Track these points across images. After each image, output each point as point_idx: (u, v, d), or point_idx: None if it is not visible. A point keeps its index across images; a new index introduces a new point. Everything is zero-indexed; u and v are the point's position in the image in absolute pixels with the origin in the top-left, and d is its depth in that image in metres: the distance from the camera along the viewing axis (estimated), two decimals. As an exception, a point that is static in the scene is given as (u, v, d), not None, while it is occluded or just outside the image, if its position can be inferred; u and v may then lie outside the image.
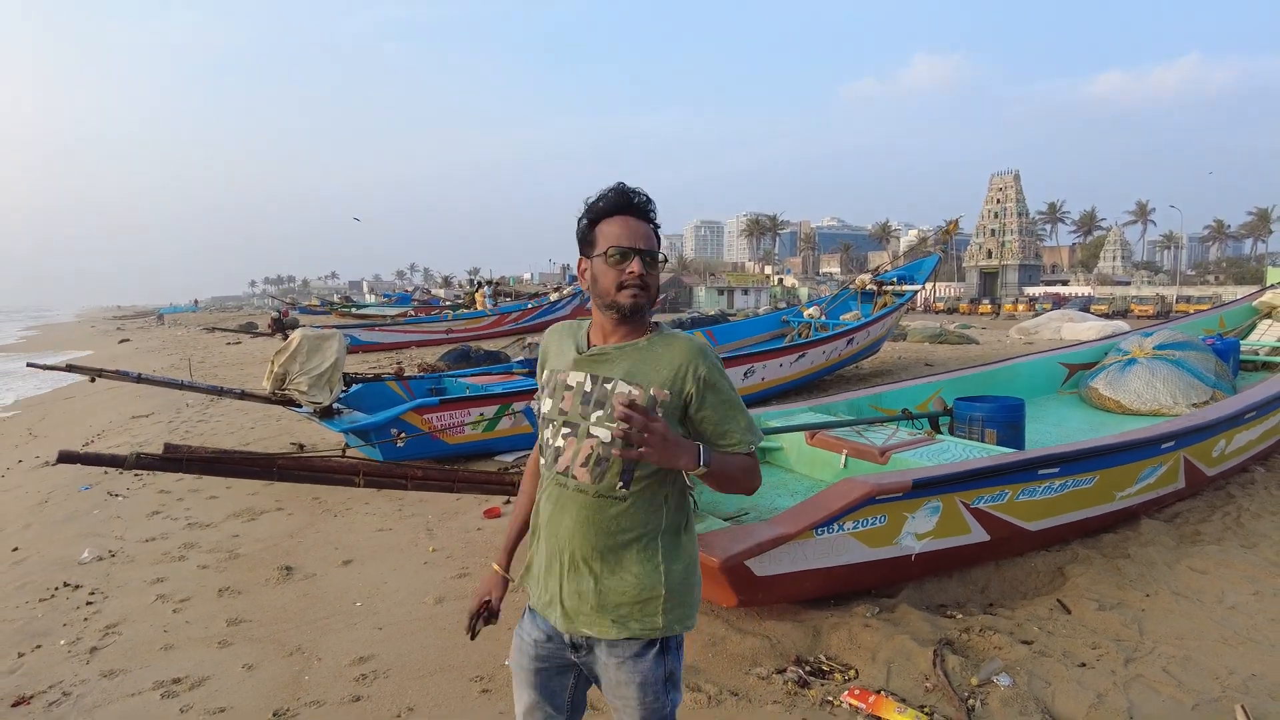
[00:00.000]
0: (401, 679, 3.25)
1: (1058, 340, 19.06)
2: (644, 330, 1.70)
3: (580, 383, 1.67)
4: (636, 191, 1.67)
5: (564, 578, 1.66)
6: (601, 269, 1.63)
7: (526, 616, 1.78)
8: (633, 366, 1.65)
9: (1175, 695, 2.91)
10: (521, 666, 1.76)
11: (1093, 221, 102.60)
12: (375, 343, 20.50)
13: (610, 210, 1.65)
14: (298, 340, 6.46)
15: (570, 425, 1.66)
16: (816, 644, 3.36)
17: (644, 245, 1.63)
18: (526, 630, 1.76)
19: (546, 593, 1.69)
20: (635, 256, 1.61)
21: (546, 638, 1.72)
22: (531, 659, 1.74)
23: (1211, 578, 3.93)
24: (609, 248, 1.61)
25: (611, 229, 1.63)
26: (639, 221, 1.65)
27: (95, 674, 3.42)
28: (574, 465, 1.65)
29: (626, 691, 1.66)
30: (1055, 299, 50.67)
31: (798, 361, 9.70)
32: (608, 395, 1.64)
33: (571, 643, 1.70)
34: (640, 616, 1.64)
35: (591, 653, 1.69)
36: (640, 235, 1.64)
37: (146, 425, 10.04)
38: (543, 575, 1.71)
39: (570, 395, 1.67)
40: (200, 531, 5.34)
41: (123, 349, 29.66)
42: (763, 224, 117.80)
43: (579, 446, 1.65)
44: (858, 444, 4.39)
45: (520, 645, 1.77)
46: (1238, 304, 9.04)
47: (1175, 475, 4.72)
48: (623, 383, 1.64)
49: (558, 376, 1.70)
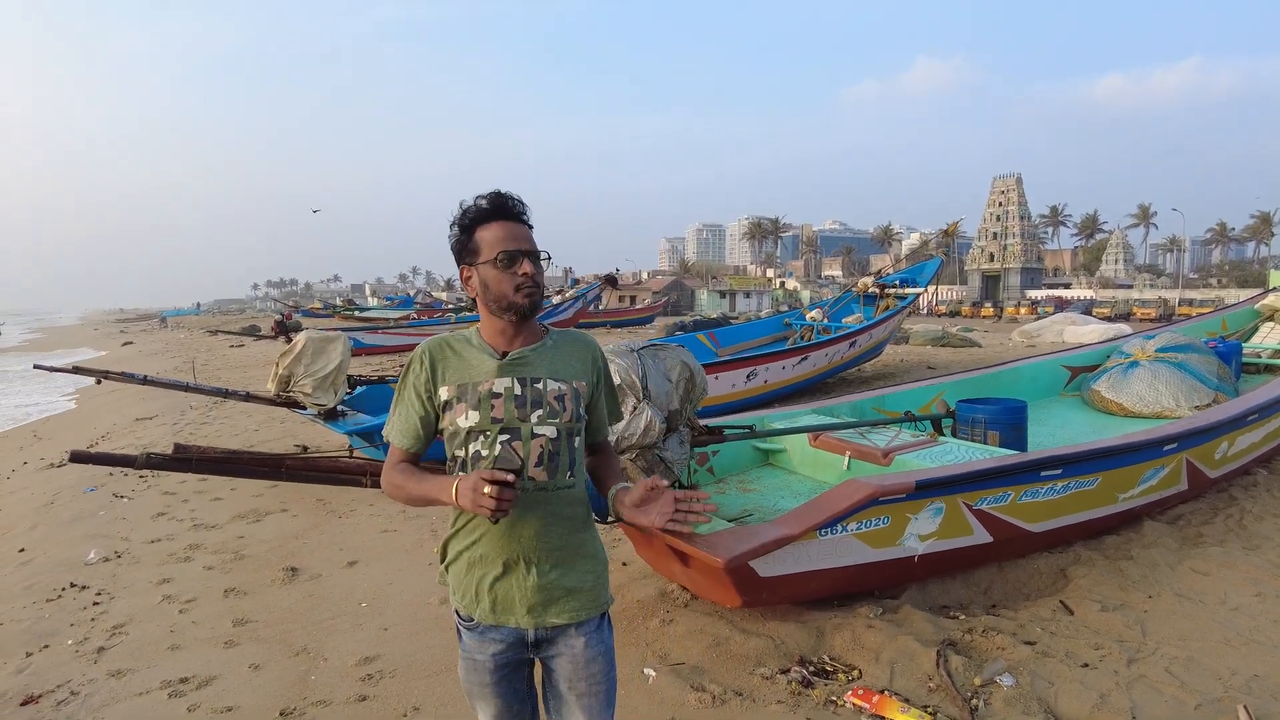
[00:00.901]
0: (408, 679, 3.27)
1: (1060, 343, 19.07)
2: (541, 332, 1.78)
3: (509, 388, 1.68)
4: (510, 196, 1.72)
5: (526, 579, 1.67)
6: (492, 274, 1.67)
7: (470, 638, 1.73)
8: (551, 366, 1.73)
9: (1178, 695, 2.93)
10: (480, 683, 1.73)
11: (1095, 224, 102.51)
12: (379, 346, 20.57)
13: (487, 216, 1.70)
14: (302, 342, 6.48)
15: (509, 430, 1.66)
16: (820, 644, 3.38)
17: (529, 246, 1.69)
18: (476, 650, 1.72)
19: (504, 601, 1.68)
20: (524, 258, 1.67)
21: (505, 647, 1.71)
22: (490, 672, 1.72)
23: (1214, 579, 3.94)
24: (498, 253, 1.66)
25: (493, 234, 1.68)
26: (517, 224, 1.71)
27: (103, 673, 3.45)
28: (529, 467, 1.66)
29: (595, 667, 1.72)
30: (1057, 302, 50.67)
31: (800, 364, 9.72)
32: (542, 394, 1.69)
33: (535, 639, 1.71)
34: (596, 592, 1.75)
35: (554, 644, 1.72)
36: (523, 237, 1.69)
37: (151, 428, 10.08)
38: (494, 586, 1.68)
39: (500, 402, 1.67)
40: (205, 533, 5.36)
41: (126, 351, 29.72)
42: (764, 227, 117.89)
43: (527, 449, 1.66)
44: (861, 446, 4.40)
45: (473, 666, 1.73)
46: (1240, 307, 9.05)
47: (1178, 477, 4.73)
48: (551, 380, 1.71)
49: (478, 388, 1.68)
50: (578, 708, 1.73)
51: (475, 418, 1.67)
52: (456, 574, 1.74)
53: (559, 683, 1.74)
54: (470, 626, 1.73)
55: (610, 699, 1.76)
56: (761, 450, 4.96)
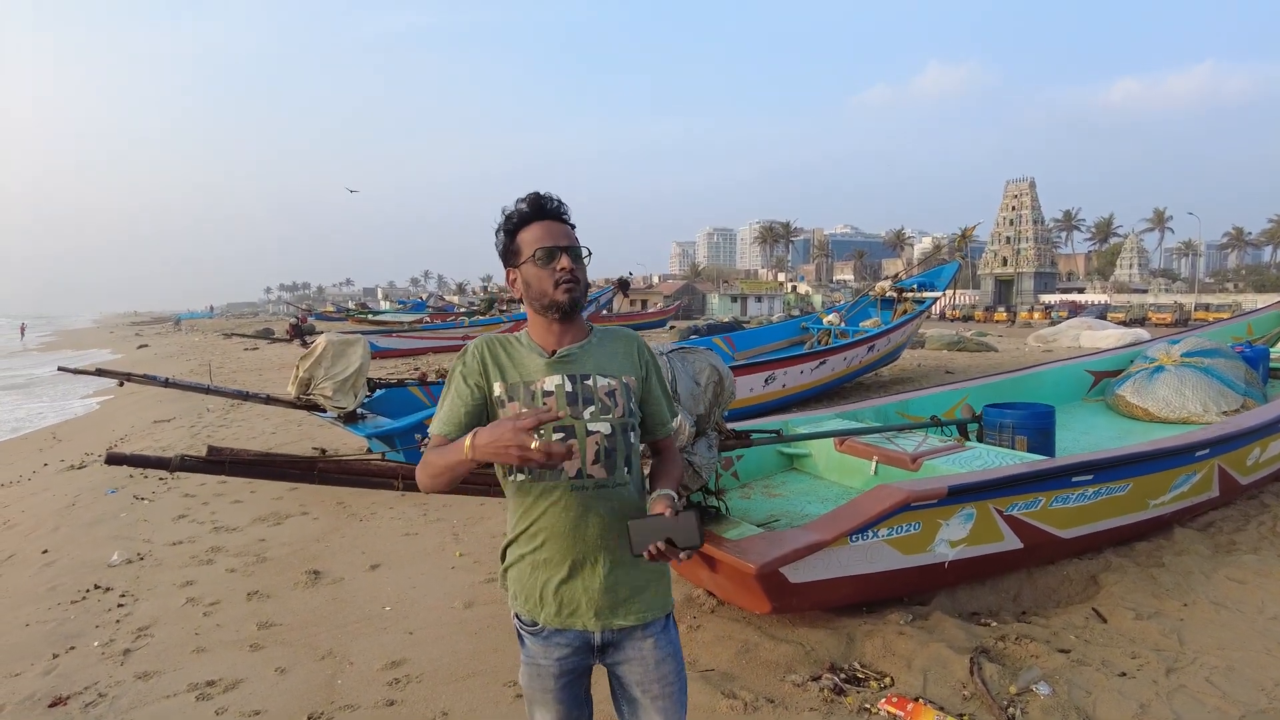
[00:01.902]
0: (434, 683, 3.25)
1: (1076, 348, 18.93)
2: (586, 330, 1.77)
3: (559, 385, 1.68)
4: (549, 197, 1.73)
5: (592, 580, 1.66)
6: (533, 272, 1.68)
7: (534, 643, 1.71)
8: (598, 362, 1.73)
9: (1220, 706, 2.87)
10: (543, 689, 1.72)
11: (1109, 229, 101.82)
12: (392, 349, 20.62)
13: (527, 219, 1.71)
14: (323, 345, 6.49)
15: (563, 429, 1.65)
16: (850, 651, 3.34)
17: (567, 242, 1.70)
18: (541, 655, 1.70)
19: (569, 604, 1.67)
20: (562, 253, 1.68)
21: (570, 651, 1.70)
22: (554, 677, 1.70)
23: (1251, 588, 3.87)
24: (536, 250, 1.67)
25: (533, 234, 1.69)
26: (556, 223, 1.71)
27: (130, 675, 3.44)
28: (586, 466, 1.66)
29: (666, 668, 1.72)
30: (1071, 307, 50.32)
31: (819, 368, 9.67)
32: (593, 391, 1.69)
33: (601, 643, 1.69)
34: (661, 591, 1.75)
35: (620, 648, 1.70)
36: (561, 234, 1.70)
37: (168, 430, 10.12)
38: (559, 589, 1.67)
39: (552, 400, 1.67)
40: (227, 535, 5.36)
41: (142, 354, 29.95)
42: (776, 231, 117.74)
43: (583, 446, 1.65)
44: (888, 450, 4.36)
45: (537, 672, 1.71)
46: (1266, 311, 8.94)
47: (1209, 483, 4.66)
48: (600, 376, 1.71)
49: (529, 387, 1.67)
50: (653, 710, 1.72)
51: None
52: (518, 578, 1.72)
53: (630, 687, 1.72)
54: (534, 631, 1.71)
55: (683, 699, 1.76)
56: (786, 455, 4.92)
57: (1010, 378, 6.80)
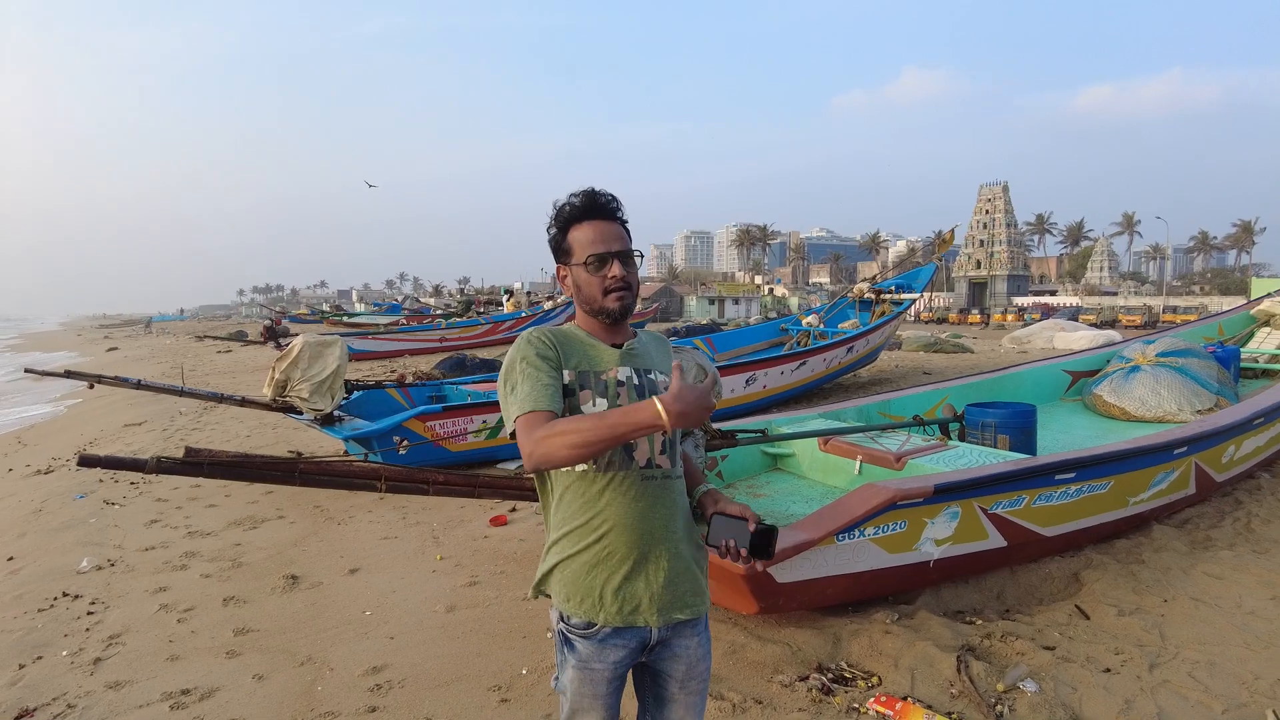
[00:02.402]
0: (417, 689, 3.18)
1: (1051, 349, 19.18)
2: (632, 329, 1.80)
3: (629, 378, 1.69)
4: (602, 193, 1.69)
5: (656, 574, 1.64)
6: (584, 277, 1.67)
7: (587, 646, 1.64)
8: (653, 360, 1.77)
9: (1204, 700, 2.89)
10: (595, 695, 1.65)
11: (1080, 232, 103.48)
12: (368, 351, 20.40)
13: (579, 215, 1.68)
14: (299, 347, 6.39)
15: None
16: (837, 651, 3.33)
17: (619, 246, 1.67)
18: (595, 658, 1.63)
19: (631, 601, 1.62)
20: (613, 260, 1.65)
21: (627, 653, 1.65)
22: (608, 681, 1.65)
23: (1228, 583, 3.92)
24: (587, 256, 1.65)
25: (584, 234, 1.67)
26: (608, 223, 1.68)
27: (100, 685, 3.34)
28: (655, 455, 1.66)
29: (704, 665, 1.73)
30: (1044, 309, 50.98)
31: (798, 369, 9.69)
32: (655, 385, 1.71)
33: (655, 641, 1.67)
34: (706, 586, 1.75)
35: (669, 645, 1.68)
36: (614, 236, 1.67)
37: (140, 434, 9.92)
38: (621, 586, 1.62)
39: (624, 391, 1.67)
40: (201, 540, 5.25)
41: (111, 357, 29.35)
42: (753, 234, 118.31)
43: (651, 436, 1.64)
44: (872, 450, 4.36)
45: (589, 677, 1.64)
46: (1236, 312, 9.10)
47: (1187, 481, 4.72)
48: (659, 373, 1.74)
49: (602, 376, 1.66)
50: (685, 708, 1.72)
51: (604, 406, 1.63)
52: (571, 578, 1.64)
53: (668, 684, 1.71)
54: (588, 633, 1.63)
55: (706, 697, 1.79)
56: (770, 455, 4.91)
57: (990, 378, 6.86)
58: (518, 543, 4.96)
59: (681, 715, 1.73)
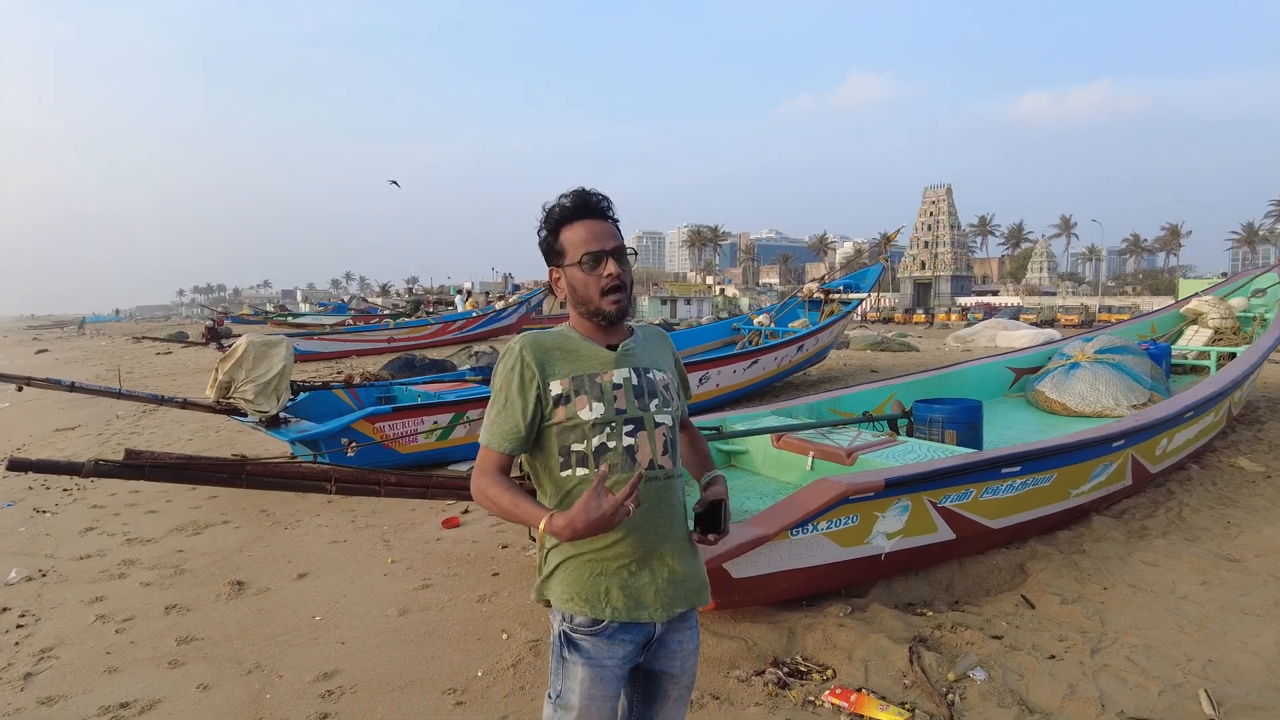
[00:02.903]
0: (370, 694, 3.12)
1: (994, 347, 19.70)
2: (628, 327, 1.77)
3: (627, 379, 1.67)
4: (593, 193, 1.67)
5: (660, 570, 1.64)
6: (579, 277, 1.64)
7: (597, 643, 1.62)
8: (651, 358, 1.74)
9: (1141, 683, 3.00)
10: (604, 695, 1.63)
11: (1021, 234, 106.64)
12: (314, 352, 19.94)
13: (570, 216, 1.66)
14: (244, 346, 6.21)
15: (633, 421, 1.64)
16: (793, 645, 3.36)
17: (613, 244, 1.65)
18: (605, 654, 1.61)
19: (637, 597, 1.62)
20: (608, 257, 1.63)
21: (634, 648, 1.65)
22: (618, 679, 1.65)
23: (1162, 570, 4.08)
24: (582, 255, 1.62)
25: (577, 234, 1.64)
26: (600, 222, 1.66)
27: (31, 701, 3.19)
28: (657, 457, 1.65)
29: (693, 661, 1.75)
30: (986, 309, 52.40)
31: (751, 368, 9.78)
32: (654, 384, 1.71)
33: (656, 638, 1.67)
34: (706, 579, 1.76)
35: (665, 642, 1.68)
36: (607, 235, 1.65)
37: (73, 439, 9.53)
38: (628, 582, 1.62)
39: (621, 393, 1.65)
40: (140, 547, 5.06)
41: (42, 360, 28.13)
42: (704, 235, 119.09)
43: (652, 438, 1.65)
44: (824, 446, 4.42)
45: (601, 675, 1.61)
46: (1167, 311, 9.48)
47: (1124, 473, 4.89)
48: (657, 371, 1.73)
49: (597, 380, 1.64)
50: (675, 704, 1.73)
51: (600, 409, 1.62)
52: (576, 578, 1.62)
53: (662, 681, 1.72)
54: (597, 631, 1.61)
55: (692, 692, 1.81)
56: (724, 452, 4.94)
57: (936, 375, 7.01)
58: (471, 544, 4.90)
59: (669, 712, 1.74)
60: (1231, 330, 8.52)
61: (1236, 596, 3.75)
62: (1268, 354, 7.02)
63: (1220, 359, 7.89)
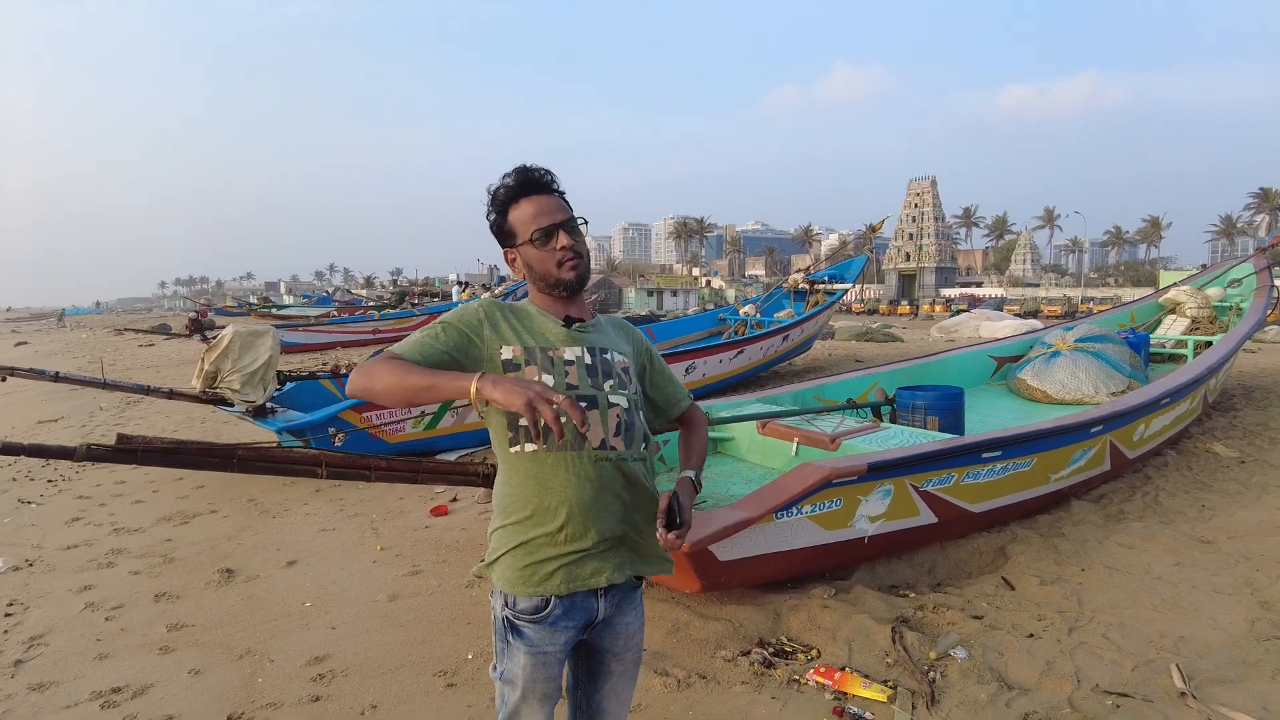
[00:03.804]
0: (361, 677, 3.16)
1: (977, 338, 19.87)
2: (591, 312, 1.77)
3: (580, 357, 1.64)
4: (535, 168, 1.67)
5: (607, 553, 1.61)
6: (533, 254, 1.65)
7: (539, 630, 1.60)
8: (609, 340, 1.73)
9: (1116, 659, 3.08)
10: (548, 678, 1.63)
11: (1004, 226, 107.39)
12: (300, 344, 19.85)
13: (516, 194, 1.66)
14: (230, 336, 6.20)
15: (586, 399, 1.60)
16: (778, 626, 3.43)
17: (562, 217, 1.65)
18: (547, 641, 1.61)
19: (579, 579, 1.60)
20: (559, 230, 1.63)
21: (575, 633, 1.64)
22: (559, 664, 1.65)
23: (1138, 551, 4.17)
24: (532, 232, 1.62)
25: (525, 211, 1.64)
26: (547, 197, 1.66)
27: (22, 688, 3.21)
28: (609, 437, 1.61)
29: (638, 639, 1.75)
30: (970, 300, 52.77)
31: (736, 358, 9.85)
32: (611, 365, 1.68)
33: (599, 619, 1.64)
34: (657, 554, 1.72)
35: (609, 622, 1.67)
36: (555, 208, 1.65)
37: (56, 430, 9.47)
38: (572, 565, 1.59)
39: (574, 369, 1.62)
40: (128, 537, 5.06)
41: (21, 352, 27.81)
42: (690, 227, 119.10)
43: (605, 417, 1.61)
44: (808, 432, 4.48)
45: (543, 661, 1.61)
46: (1146, 301, 9.62)
47: (1102, 458, 4.99)
48: (615, 353, 1.71)
49: (549, 353, 1.62)
50: (619, 679, 1.73)
51: (550, 381, 1.58)
52: (521, 559, 1.59)
53: (605, 658, 1.71)
54: (539, 617, 1.59)
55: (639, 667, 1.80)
56: (711, 439, 4.99)
57: (919, 363, 7.10)
58: (459, 532, 4.93)
59: (614, 686, 1.73)
60: (1208, 319, 8.67)
61: (1208, 576, 3.85)
62: (1242, 343, 7.15)
63: (1197, 347, 8.02)
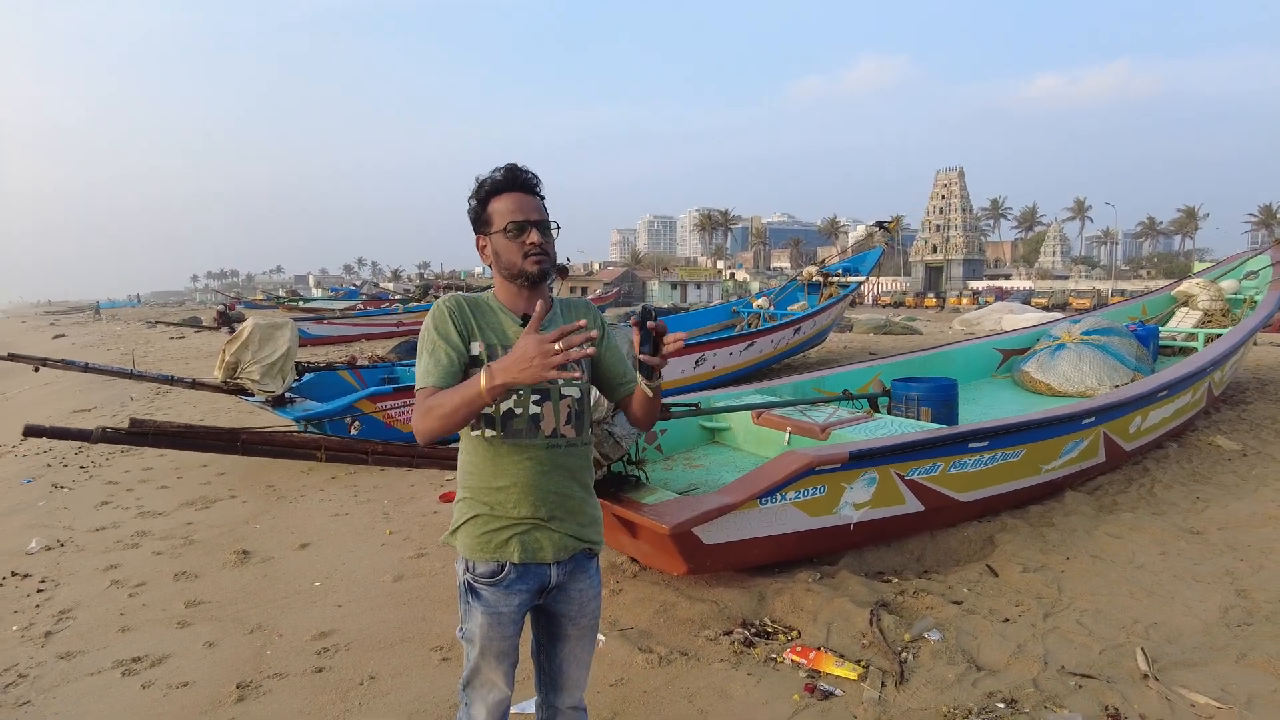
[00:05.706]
0: (363, 651, 3.35)
1: (999, 331, 19.75)
2: (550, 301, 1.84)
3: None
4: (524, 169, 1.78)
5: (555, 525, 1.76)
6: (503, 244, 1.75)
7: (493, 593, 1.75)
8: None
9: (1085, 643, 3.18)
10: (504, 637, 1.78)
11: (1033, 218, 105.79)
12: (324, 336, 20.26)
13: (500, 188, 1.76)
14: (249, 329, 6.44)
15: (541, 392, 1.74)
16: (762, 608, 3.56)
17: (538, 216, 1.76)
18: (502, 603, 1.75)
19: (532, 546, 1.75)
20: (532, 228, 1.74)
21: (530, 595, 1.78)
22: (514, 624, 1.78)
23: (1125, 541, 4.24)
24: (507, 223, 1.73)
25: (504, 205, 1.75)
26: (528, 196, 1.77)
27: (51, 656, 3.44)
28: (560, 426, 1.76)
29: (593, 605, 1.88)
30: (998, 293, 52.13)
31: (747, 350, 9.94)
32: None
33: (553, 584, 1.79)
34: (601, 529, 1.89)
35: (563, 589, 1.82)
36: (532, 208, 1.76)
37: (89, 420, 9.82)
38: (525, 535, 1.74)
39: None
40: (152, 520, 5.31)
41: (58, 344, 28.60)
42: (715, 219, 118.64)
43: (557, 409, 1.76)
44: (800, 422, 4.59)
45: (498, 620, 1.76)
46: (1158, 293, 9.56)
47: (1096, 450, 5.04)
48: None
49: (506, 350, 1.71)
50: (576, 642, 1.87)
51: None
52: (479, 528, 1.75)
53: (560, 621, 1.85)
54: (495, 580, 1.75)
55: (596, 632, 1.94)
56: (707, 429, 5.13)
57: (921, 355, 7.16)
58: (466, 517, 5.11)
59: (572, 649, 1.88)
60: (1221, 312, 8.61)
61: (1190, 566, 3.92)
62: (1249, 336, 7.12)
63: (1208, 341, 7.98)
